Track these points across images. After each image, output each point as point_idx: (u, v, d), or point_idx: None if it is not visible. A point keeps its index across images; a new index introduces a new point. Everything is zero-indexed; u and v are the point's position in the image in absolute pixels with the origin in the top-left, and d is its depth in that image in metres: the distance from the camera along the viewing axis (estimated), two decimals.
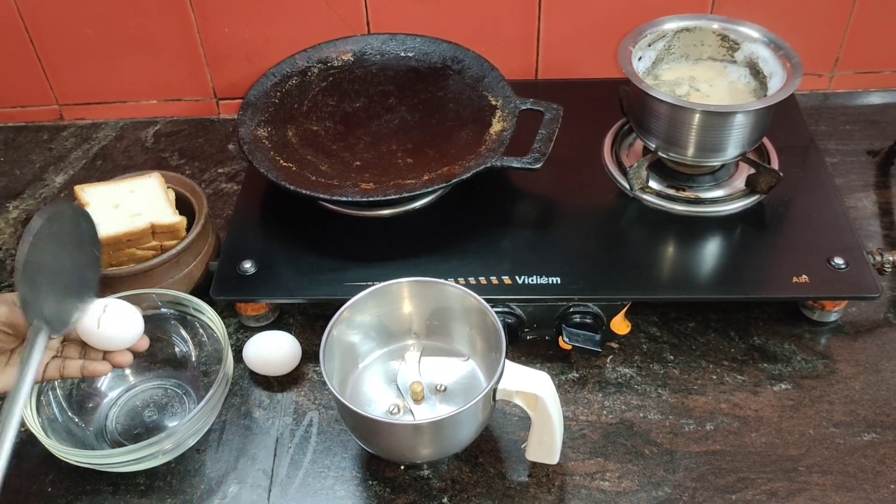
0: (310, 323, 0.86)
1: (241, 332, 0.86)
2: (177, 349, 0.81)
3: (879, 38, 1.07)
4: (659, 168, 0.91)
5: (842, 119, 1.08)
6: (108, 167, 1.07)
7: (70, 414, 0.76)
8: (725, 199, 0.88)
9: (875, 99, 1.11)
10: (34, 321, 0.63)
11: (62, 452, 0.70)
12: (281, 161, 0.87)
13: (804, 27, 1.04)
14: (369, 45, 1.00)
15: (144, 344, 0.72)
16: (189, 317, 0.80)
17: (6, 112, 1.14)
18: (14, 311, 0.66)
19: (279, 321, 0.87)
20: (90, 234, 0.70)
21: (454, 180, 0.82)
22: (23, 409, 0.61)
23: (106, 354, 0.70)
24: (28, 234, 0.61)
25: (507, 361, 0.68)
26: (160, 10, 1.04)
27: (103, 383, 0.80)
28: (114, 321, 0.68)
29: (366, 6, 1.03)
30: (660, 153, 0.88)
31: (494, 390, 0.67)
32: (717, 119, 0.82)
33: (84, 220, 0.69)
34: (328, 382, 0.67)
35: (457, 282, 0.76)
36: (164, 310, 0.80)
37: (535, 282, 0.80)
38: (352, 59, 0.99)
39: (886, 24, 1.06)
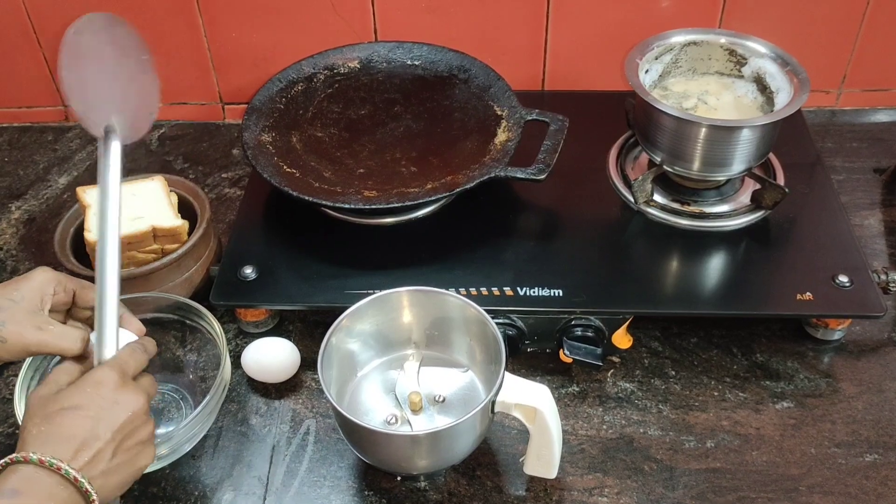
0: (309, 330, 0.86)
1: (241, 337, 0.85)
2: (175, 354, 0.81)
3: (887, 56, 1.07)
4: (664, 182, 0.90)
5: (848, 136, 1.08)
6: None
7: None
8: (730, 214, 0.87)
9: (882, 117, 1.11)
10: (100, 131, 0.65)
11: None
12: (284, 167, 0.87)
13: (812, 44, 1.04)
14: (376, 52, 1.00)
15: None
16: (188, 322, 0.80)
17: (11, 112, 1.14)
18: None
19: (279, 328, 0.86)
20: (131, 39, 0.69)
21: (457, 190, 0.82)
22: (118, 218, 0.64)
23: None
24: (61, 49, 0.63)
25: (507, 374, 0.67)
26: (168, 14, 1.04)
27: None
28: None
29: (374, 14, 1.03)
30: (665, 167, 0.87)
31: (493, 402, 0.66)
32: (723, 133, 0.82)
33: (120, 27, 0.68)
34: (326, 391, 0.66)
35: (458, 292, 0.75)
36: (162, 314, 0.80)
37: (536, 294, 0.80)
38: (358, 66, 0.99)
39: (894, 42, 1.06)
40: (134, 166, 1.07)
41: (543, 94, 1.09)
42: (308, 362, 0.83)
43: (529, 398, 0.66)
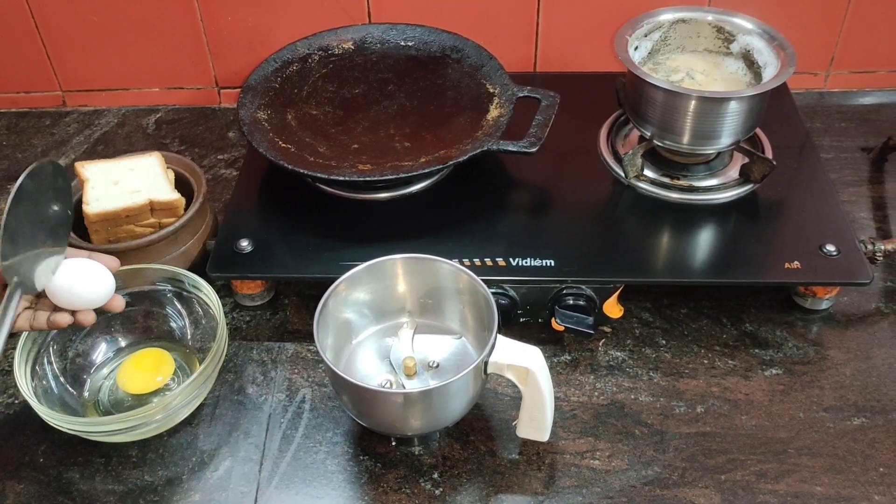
0: (305, 303, 0.87)
1: (237, 311, 0.87)
2: (173, 324, 0.82)
3: (874, 38, 1.09)
4: (654, 158, 0.91)
5: (836, 117, 1.09)
6: (109, 152, 1.08)
7: (65, 385, 0.77)
8: (719, 187, 0.88)
9: (869, 98, 1.12)
10: (13, 279, 0.64)
11: (54, 419, 0.70)
12: (280, 142, 0.88)
13: (800, 26, 1.05)
14: (370, 34, 1.01)
15: (119, 304, 0.72)
16: (185, 293, 0.81)
17: (10, 97, 1.15)
18: None
19: (274, 301, 0.87)
20: (66, 191, 0.70)
21: (451, 162, 0.83)
22: None
23: (74, 312, 0.70)
24: (13, 191, 0.63)
25: (499, 336, 0.68)
26: None
27: (98, 356, 0.81)
28: (81, 280, 0.68)
29: None
30: (655, 141, 0.89)
31: (486, 363, 0.67)
32: (711, 105, 0.83)
33: (62, 177, 0.69)
34: (321, 352, 0.67)
35: None
36: (160, 285, 0.81)
37: (528, 264, 0.81)
38: (352, 47, 1.01)
39: (881, 24, 1.07)
40: (131, 149, 1.08)
41: (535, 76, 1.11)
42: (304, 334, 0.84)
43: (521, 359, 0.67)
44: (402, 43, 1.01)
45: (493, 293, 0.73)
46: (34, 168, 0.65)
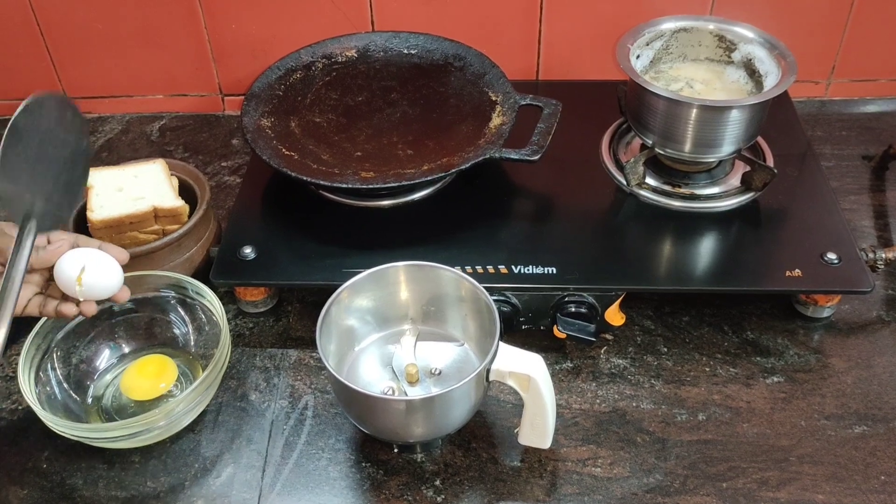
0: (308, 310, 0.87)
1: (240, 318, 0.87)
2: (176, 331, 0.82)
3: (875, 46, 1.09)
4: (656, 166, 0.92)
5: (837, 125, 1.10)
6: (113, 159, 1.09)
7: (69, 391, 0.77)
8: (721, 195, 0.89)
9: (871, 107, 1.13)
10: (25, 218, 0.63)
11: (57, 425, 0.70)
12: (283, 150, 0.89)
13: (802, 35, 1.06)
14: (373, 42, 1.02)
15: (125, 295, 0.72)
16: (189, 300, 0.81)
17: (15, 104, 1.15)
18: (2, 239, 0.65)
19: (277, 308, 0.88)
20: (76, 124, 0.68)
21: (453, 170, 0.83)
22: (12, 309, 0.61)
23: (79, 302, 0.71)
24: (7, 129, 0.61)
25: (501, 343, 0.68)
26: (168, 6, 1.06)
27: (102, 362, 0.81)
28: (92, 273, 0.69)
29: (370, 5, 1.05)
30: (657, 149, 0.89)
31: (488, 370, 0.67)
32: (713, 114, 0.84)
33: (70, 110, 0.67)
34: (323, 359, 0.67)
35: None
36: (164, 292, 0.81)
37: (531, 271, 0.81)
38: (355, 55, 1.01)
39: (882, 33, 1.08)
40: (135, 156, 1.08)
41: (538, 84, 1.11)
42: (307, 341, 0.84)
43: (523, 366, 0.67)
44: (405, 51, 1.01)
45: (495, 300, 0.73)
46: (29, 103, 0.62)
